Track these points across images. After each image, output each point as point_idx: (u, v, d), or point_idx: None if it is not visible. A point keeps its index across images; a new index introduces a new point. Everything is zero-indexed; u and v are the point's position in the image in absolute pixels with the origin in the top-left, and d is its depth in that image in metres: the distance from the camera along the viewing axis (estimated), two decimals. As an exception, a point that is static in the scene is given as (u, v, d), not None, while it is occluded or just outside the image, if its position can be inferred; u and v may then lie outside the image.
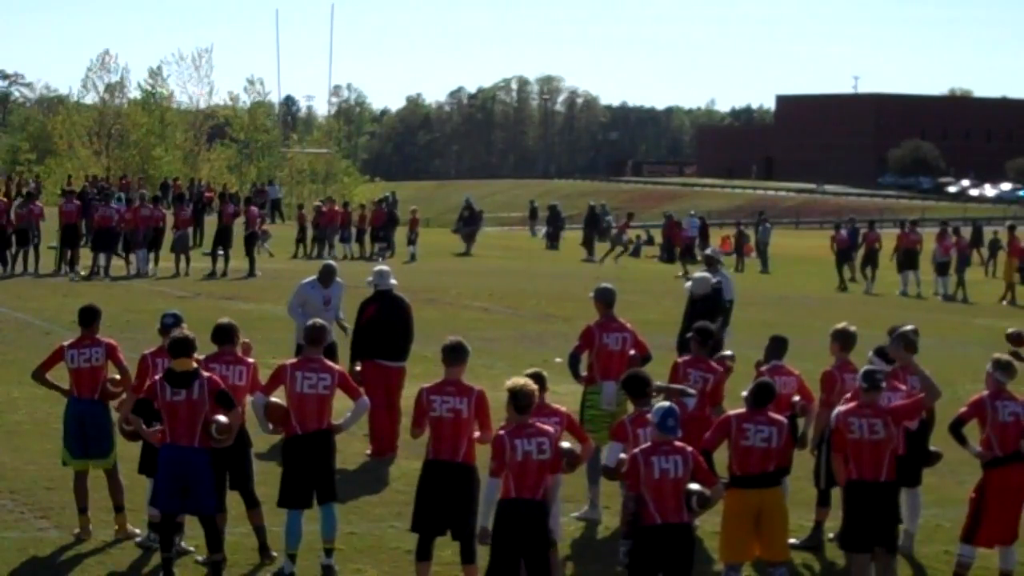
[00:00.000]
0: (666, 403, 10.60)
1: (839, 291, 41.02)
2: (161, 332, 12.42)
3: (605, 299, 14.46)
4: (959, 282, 39.57)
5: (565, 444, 10.56)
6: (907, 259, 40.71)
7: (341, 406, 12.24)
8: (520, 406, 10.39)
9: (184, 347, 11.42)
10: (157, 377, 11.54)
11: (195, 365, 11.47)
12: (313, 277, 17.53)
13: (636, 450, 10.24)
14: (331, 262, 18.53)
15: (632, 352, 14.12)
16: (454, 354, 11.26)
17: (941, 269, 40.06)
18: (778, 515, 11.14)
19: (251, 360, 12.19)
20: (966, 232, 45.24)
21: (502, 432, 10.38)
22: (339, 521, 12.06)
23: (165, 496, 11.39)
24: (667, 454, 10.11)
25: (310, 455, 11.67)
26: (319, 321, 12.26)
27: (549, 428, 10.53)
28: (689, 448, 10.29)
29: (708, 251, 22.96)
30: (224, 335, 12.17)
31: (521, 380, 10.58)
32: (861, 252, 42.98)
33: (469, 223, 51.81)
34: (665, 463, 10.08)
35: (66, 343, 12.95)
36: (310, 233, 47.28)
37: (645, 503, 10.04)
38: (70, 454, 12.76)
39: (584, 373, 14.29)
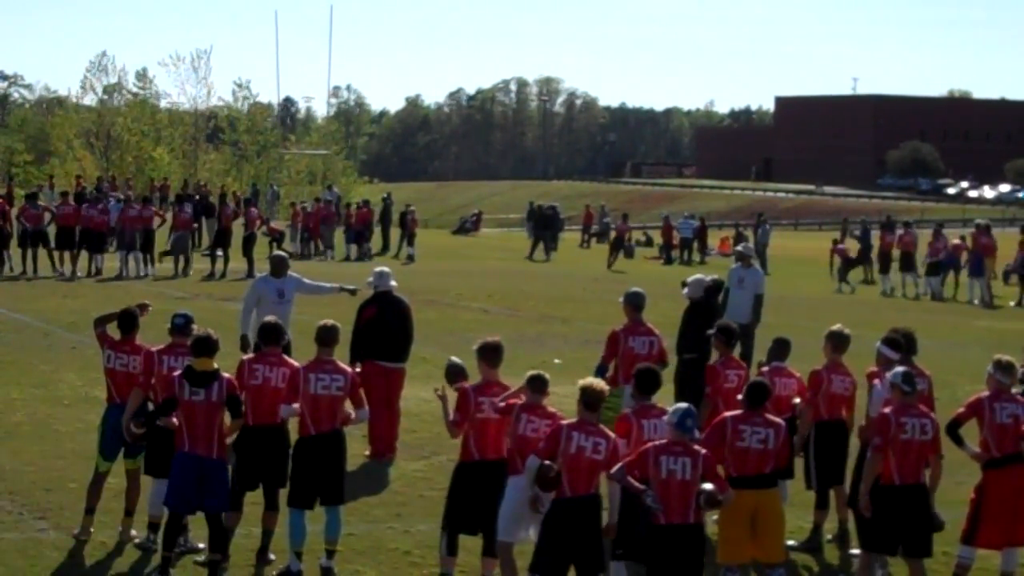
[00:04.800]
0: (684, 404, 10.59)
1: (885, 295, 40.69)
2: (171, 332, 12.35)
3: (635, 303, 14.60)
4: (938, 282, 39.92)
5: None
6: (903, 260, 41.08)
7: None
8: (588, 403, 10.46)
9: (206, 347, 11.39)
10: (176, 374, 11.51)
11: (215, 366, 11.44)
12: (266, 272, 17.60)
13: (650, 445, 10.26)
14: (282, 253, 18.57)
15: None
16: (496, 355, 11.37)
17: (931, 269, 40.23)
18: (774, 517, 11.13)
19: (295, 363, 12.06)
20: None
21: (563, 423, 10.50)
22: (341, 523, 12.06)
23: (178, 497, 11.39)
24: (677, 455, 10.15)
25: (322, 456, 11.70)
26: (330, 322, 12.23)
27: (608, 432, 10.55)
28: (702, 451, 10.31)
29: (739, 247, 23.11)
30: (270, 335, 12.12)
31: (591, 379, 10.72)
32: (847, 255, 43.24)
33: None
34: (673, 464, 10.12)
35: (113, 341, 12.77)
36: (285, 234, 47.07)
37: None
38: (104, 458, 12.69)
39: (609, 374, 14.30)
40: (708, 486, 10.15)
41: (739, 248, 22.37)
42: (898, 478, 11.10)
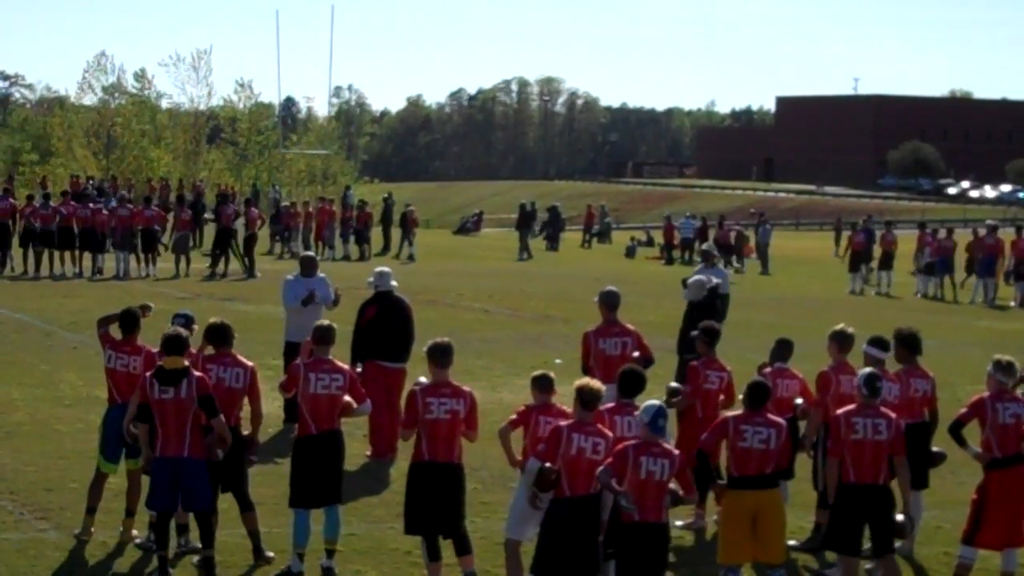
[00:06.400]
0: (656, 401, 10.62)
1: (853, 294, 40.79)
2: None
3: (608, 302, 14.46)
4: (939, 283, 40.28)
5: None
6: (883, 260, 41.71)
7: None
8: (585, 403, 10.49)
9: (176, 345, 11.40)
10: (147, 374, 11.53)
11: (185, 363, 11.45)
12: (296, 272, 17.62)
13: (628, 444, 10.26)
14: (310, 253, 18.63)
15: (635, 355, 14.11)
16: (446, 355, 11.34)
17: (927, 269, 40.42)
18: (775, 517, 11.11)
19: (250, 363, 12.12)
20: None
21: (562, 424, 10.52)
22: (342, 523, 12.06)
23: (160, 497, 11.41)
24: (656, 456, 10.17)
25: (322, 455, 11.72)
26: (325, 322, 12.26)
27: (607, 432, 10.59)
28: (676, 452, 10.36)
29: (704, 246, 22.90)
30: (220, 336, 12.10)
31: (587, 379, 10.77)
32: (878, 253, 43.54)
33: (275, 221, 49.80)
34: (653, 465, 10.14)
35: (111, 340, 12.74)
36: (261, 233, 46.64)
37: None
38: (106, 459, 12.69)
39: None
40: (672, 485, 10.21)
41: (704, 247, 22.13)
42: (854, 477, 11.09)
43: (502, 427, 11.19)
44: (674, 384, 13.64)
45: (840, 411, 11.27)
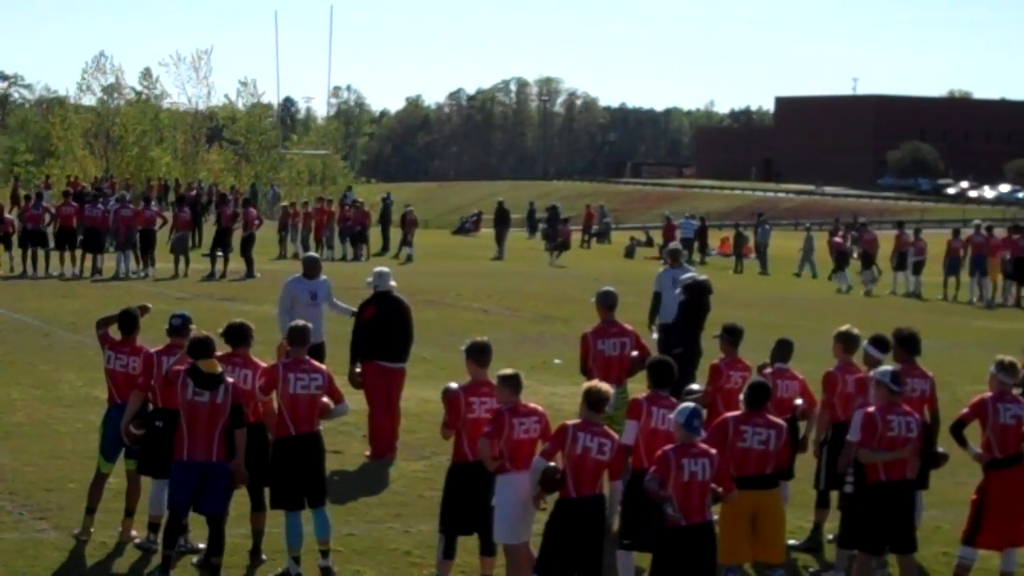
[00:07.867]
0: (691, 404, 10.60)
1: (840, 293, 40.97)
2: (169, 332, 12.29)
3: (605, 302, 14.44)
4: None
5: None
6: (864, 259, 42.55)
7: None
8: (592, 404, 10.45)
9: (207, 348, 11.29)
10: (182, 369, 11.38)
11: (220, 369, 11.34)
12: (298, 273, 17.56)
13: (667, 449, 10.25)
14: (314, 254, 18.52)
15: (634, 353, 14.12)
16: (485, 355, 11.32)
17: (917, 268, 40.88)
18: (775, 517, 11.12)
19: (261, 364, 12.04)
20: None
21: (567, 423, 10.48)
22: (332, 522, 12.02)
23: (180, 496, 11.34)
24: (696, 456, 10.17)
25: (302, 457, 11.65)
26: (301, 322, 12.17)
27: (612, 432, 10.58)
28: (714, 451, 10.35)
29: (672, 245, 22.66)
30: (235, 336, 12.00)
31: (596, 381, 10.77)
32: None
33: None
34: (694, 466, 10.14)
35: (108, 343, 12.73)
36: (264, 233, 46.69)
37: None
38: (106, 460, 12.66)
39: None
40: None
41: (670, 248, 21.92)
42: (884, 475, 11.10)
43: (481, 442, 10.91)
44: (695, 386, 13.60)
45: (871, 408, 11.24)
